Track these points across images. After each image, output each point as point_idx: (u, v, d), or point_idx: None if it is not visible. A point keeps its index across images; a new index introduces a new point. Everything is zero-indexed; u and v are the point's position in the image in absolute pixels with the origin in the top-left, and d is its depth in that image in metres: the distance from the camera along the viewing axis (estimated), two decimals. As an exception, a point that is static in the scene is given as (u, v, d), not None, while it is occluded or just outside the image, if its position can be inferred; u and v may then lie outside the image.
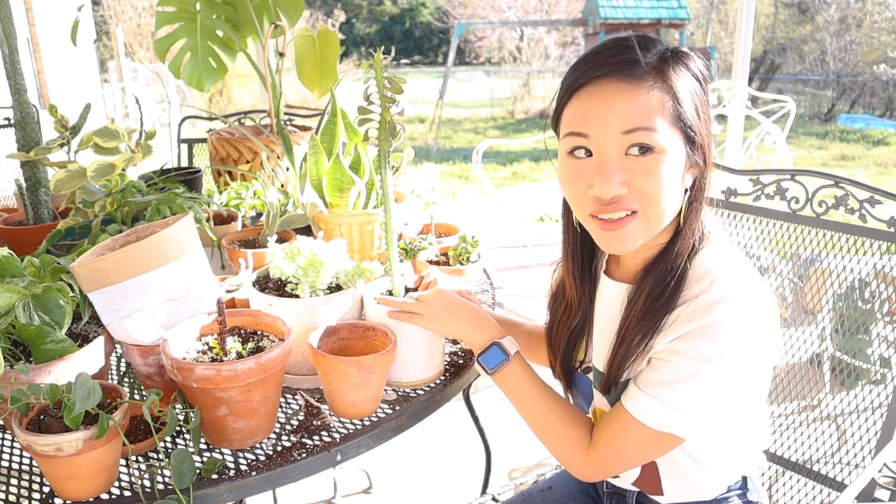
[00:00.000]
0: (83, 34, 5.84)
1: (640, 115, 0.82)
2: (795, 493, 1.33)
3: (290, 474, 0.97)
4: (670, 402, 0.86)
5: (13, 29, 1.52)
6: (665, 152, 0.83)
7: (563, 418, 0.99)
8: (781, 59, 13.53)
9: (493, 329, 1.07)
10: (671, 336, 0.86)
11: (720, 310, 0.83)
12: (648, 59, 0.84)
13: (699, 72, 0.87)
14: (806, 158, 8.37)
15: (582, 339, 1.07)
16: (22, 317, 0.98)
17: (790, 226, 1.39)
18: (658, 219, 0.87)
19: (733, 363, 0.84)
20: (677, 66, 0.85)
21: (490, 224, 5.72)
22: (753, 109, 5.16)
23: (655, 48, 0.86)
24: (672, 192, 0.86)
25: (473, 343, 1.07)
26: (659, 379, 0.87)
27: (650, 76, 0.83)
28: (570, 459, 0.97)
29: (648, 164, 0.83)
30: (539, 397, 1.01)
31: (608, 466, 0.95)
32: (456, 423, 2.62)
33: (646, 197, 0.85)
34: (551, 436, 0.99)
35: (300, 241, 1.20)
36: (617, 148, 0.84)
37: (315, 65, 2.21)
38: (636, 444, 0.91)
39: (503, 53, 15.90)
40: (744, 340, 0.84)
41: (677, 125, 0.85)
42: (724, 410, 0.88)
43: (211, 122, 3.14)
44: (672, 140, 0.84)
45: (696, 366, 0.84)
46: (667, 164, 0.84)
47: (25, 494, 0.94)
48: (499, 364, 1.03)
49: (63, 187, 1.43)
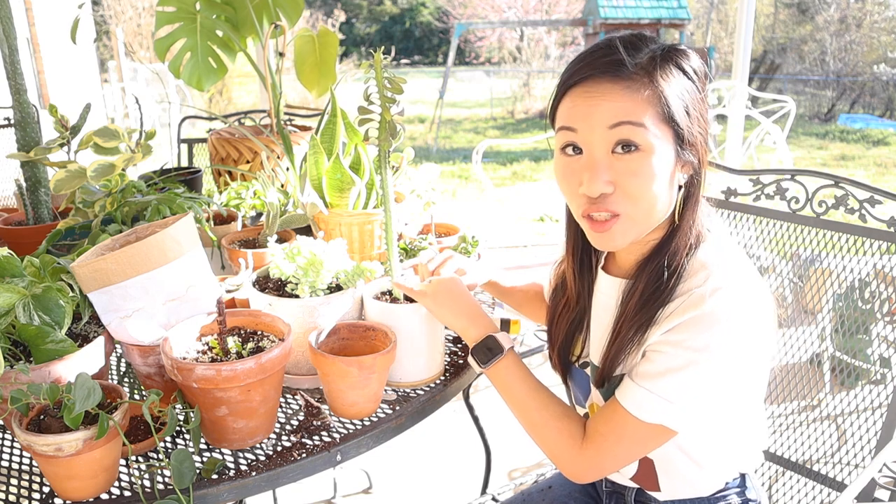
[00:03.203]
0: (83, 34, 5.84)
1: (626, 111, 0.84)
2: (795, 493, 1.33)
3: (290, 474, 0.97)
4: (661, 393, 0.86)
5: (13, 29, 1.52)
6: (652, 150, 0.84)
7: (555, 414, 0.99)
8: (781, 59, 13.53)
9: (489, 324, 1.08)
10: (665, 328, 0.87)
11: (714, 301, 0.84)
12: (638, 59, 0.85)
13: (694, 70, 0.88)
14: (806, 158, 8.37)
15: (580, 333, 1.07)
16: (22, 317, 0.98)
17: (790, 226, 1.39)
18: (644, 219, 0.88)
19: (727, 354, 0.84)
20: (667, 65, 0.86)
21: (490, 224, 5.72)
22: (753, 109, 5.16)
23: (647, 48, 0.87)
24: (659, 191, 0.86)
25: (468, 335, 1.07)
26: (652, 370, 0.87)
27: (638, 76, 0.85)
28: (562, 455, 0.96)
29: (634, 163, 0.85)
30: (532, 393, 1.01)
31: (601, 462, 0.94)
32: (456, 423, 2.62)
33: (630, 198, 0.86)
34: (544, 431, 0.98)
35: (300, 241, 1.20)
36: (604, 145, 0.85)
37: (314, 65, 2.21)
38: (630, 438, 0.90)
39: (503, 53, 15.89)
40: (738, 332, 0.84)
41: (666, 123, 0.85)
42: (717, 403, 0.88)
43: (211, 122, 3.14)
44: (659, 138, 0.85)
45: (689, 356, 0.84)
46: (653, 162, 0.85)
47: (25, 494, 0.94)
48: (492, 358, 1.03)
49: (63, 187, 1.43)
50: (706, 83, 0.89)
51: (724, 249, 0.91)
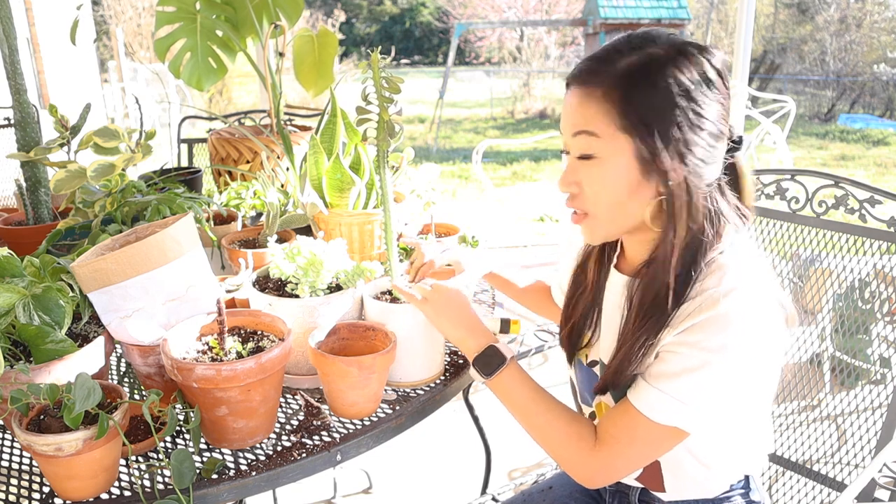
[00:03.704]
0: (83, 34, 5.84)
1: (585, 121, 0.88)
2: (795, 493, 1.33)
3: (290, 474, 0.97)
4: (675, 394, 0.86)
5: (13, 29, 1.52)
6: (607, 160, 0.88)
7: (563, 418, 0.98)
8: (781, 59, 13.52)
9: (488, 335, 1.07)
10: (680, 329, 0.86)
11: (729, 302, 0.84)
12: (608, 68, 0.87)
13: (686, 80, 0.85)
14: (806, 158, 8.37)
15: (590, 327, 1.07)
16: (22, 317, 0.98)
17: (790, 226, 1.39)
18: (608, 221, 0.93)
19: (741, 356, 0.84)
20: (641, 77, 0.86)
21: (490, 224, 5.72)
22: (753, 109, 5.16)
23: (629, 56, 0.87)
24: (616, 198, 0.90)
25: (466, 346, 1.05)
26: (666, 371, 0.87)
27: (603, 87, 0.87)
28: (574, 459, 0.96)
29: (590, 170, 0.90)
30: (537, 399, 1.00)
31: (614, 465, 0.93)
32: (456, 423, 2.62)
33: (590, 201, 0.92)
34: (553, 437, 0.98)
35: (300, 241, 1.20)
36: (574, 150, 0.91)
37: (312, 65, 2.21)
38: (643, 440, 0.90)
39: (503, 53, 15.89)
40: (752, 333, 0.84)
41: (626, 133, 0.86)
42: (730, 405, 0.87)
43: (211, 122, 3.14)
44: (617, 149, 0.87)
45: (703, 356, 0.84)
46: (608, 171, 0.88)
47: (25, 494, 0.94)
48: (495, 369, 1.02)
49: (63, 187, 1.43)
50: (710, 91, 0.87)
51: (741, 253, 0.90)
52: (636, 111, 0.86)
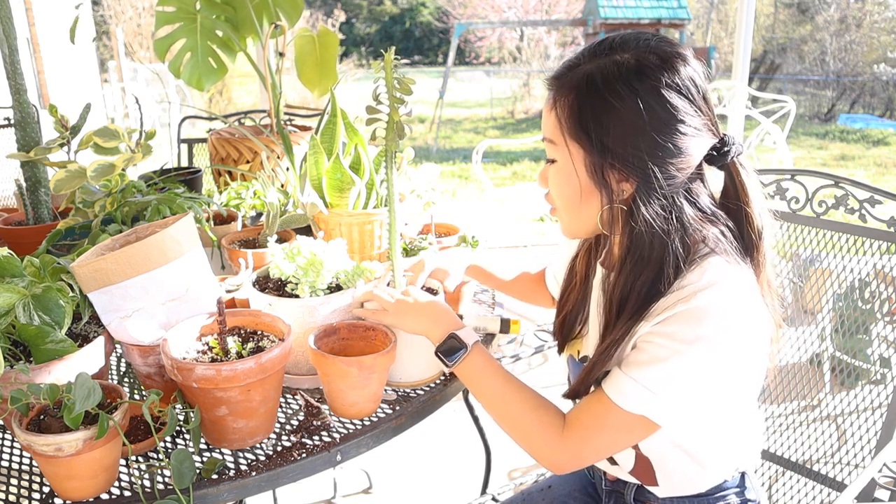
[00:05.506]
0: (83, 34, 5.85)
1: (547, 128, 0.95)
2: (795, 493, 1.33)
3: (290, 474, 0.97)
4: (645, 383, 0.86)
5: (13, 29, 1.52)
6: (563, 165, 0.93)
7: (531, 404, 0.98)
8: (781, 59, 13.52)
9: (450, 322, 1.06)
10: (656, 320, 0.87)
11: (706, 295, 0.84)
12: (573, 76, 0.90)
13: (642, 93, 0.84)
14: (806, 158, 8.37)
15: (583, 312, 1.08)
16: (22, 317, 0.98)
17: (790, 226, 1.39)
18: (569, 219, 0.98)
19: (715, 349, 0.83)
20: (596, 89, 0.86)
21: (490, 224, 5.72)
22: (753, 109, 5.16)
23: (586, 67, 0.88)
24: (570, 201, 0.94)
25: (432, 337, 1.06)
26: (639, 360, 0.87)
27: (563, 94, 0.91)
28: (543, 446, 0.95)
29: (553, 174, 0.96)
30: (504, 386, 1.00)
31: (582, 451, 0.93)
32: (456, 423, 2.62)
33: (554, 201, 0.98)
34: (521, 424, 0.98)
35: (300, 241, 1.20)
36: (547, 152, 0.97)
37: (315, 65, 2.21)
38: (612, 427, 0.90)
39: (503, 53, 15.89)
40: (728, 328, 0.84)
41: (576, 141, 0.90)
42: (704, 398, 0.88)
43: (211, 122, 3.15)
44: (571, 154, 0.91)
45: (676, 347, 0.84)
46: (563, 175, 0.93)
47: (25, 494, 0.94)
48: (457, 356, 1.02)
49: (63, 187, 1.43)
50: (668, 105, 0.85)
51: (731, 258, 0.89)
52: (585, 122, 0.88)
